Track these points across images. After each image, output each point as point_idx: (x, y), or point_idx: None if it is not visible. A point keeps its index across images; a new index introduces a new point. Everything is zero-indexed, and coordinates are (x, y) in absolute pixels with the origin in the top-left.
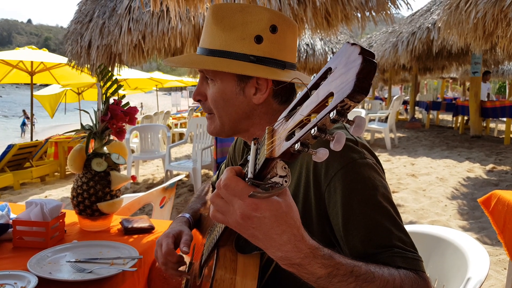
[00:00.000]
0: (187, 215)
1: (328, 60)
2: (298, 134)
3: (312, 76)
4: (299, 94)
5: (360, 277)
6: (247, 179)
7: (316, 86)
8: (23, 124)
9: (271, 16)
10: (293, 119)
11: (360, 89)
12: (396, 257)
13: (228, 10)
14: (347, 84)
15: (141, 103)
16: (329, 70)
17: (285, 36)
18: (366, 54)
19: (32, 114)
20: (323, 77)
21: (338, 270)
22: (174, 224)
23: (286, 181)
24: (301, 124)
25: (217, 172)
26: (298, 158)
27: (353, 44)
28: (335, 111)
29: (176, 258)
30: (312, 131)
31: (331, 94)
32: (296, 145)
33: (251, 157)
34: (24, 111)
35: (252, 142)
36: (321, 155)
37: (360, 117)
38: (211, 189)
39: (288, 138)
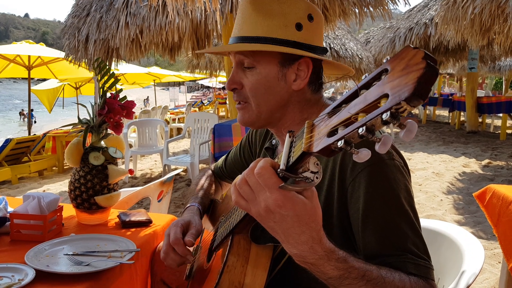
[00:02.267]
0: (196, 204)
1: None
2: (343, 131)
3: (364, 76)
4: (346, 92)
5: (371, 281)
6: (279, 170)
7: (367, 86)
8: (31, 116)
9: (307, 6)
10: (337, 116)
11: (420, 94)
12: (408, 263)
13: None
14: (406, 87)
15: (148, 97)
16: (384, 71)
17: (319, 24)
18: (429, 59)
19: (29, 109)
20: (377, 77)
21: (350, 274)
22: (185, 214)
23: (317, 178)
24: (347, 122)
25: (226, 157)
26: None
27: (415, 48)
28: (389, 113)
29: (182, 249)
30: (360, 130)
31: (385, 96)
32: (339, 142)
33: (284, 149)
34: (21, 112)
35: (288, 134)
36: (363, 155)
37: (412, 122)
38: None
39: (330, 134)
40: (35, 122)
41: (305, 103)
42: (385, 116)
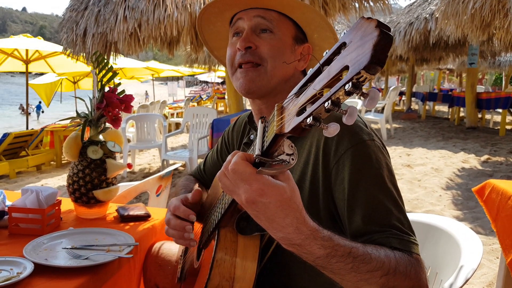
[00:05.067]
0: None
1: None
2: (311, 108)
3: (325, 53)
4: (310, 70)
5: (357, 258)
6: (255, 155)
7: (328, 62)
8: (39, 108)
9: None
10: (304, 95)
11: (377, 61)
12: (392, 238)
13: None
14: (364, 56)
15: (146, 91)
16: (343, 45)
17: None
18: (382, 27)
19: (27, 103)
20: (337, 52)
21: (336, 251)
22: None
23: (293, 159)
24: (314, 99)
25: (204, 162)
26: (308, 137)
27: (368, 18)
28: (350, 83)
29: (183, 210)
30: (326, 104)
31: (345, 68)
32: (308, 119)
33: (258, 135)
34: (22, 105)
35: (260, 120)
36: (332, 130)
37: (374, 90)
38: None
39: (299, 113)
40: (42, 112)
41: None
42: (347, 87)
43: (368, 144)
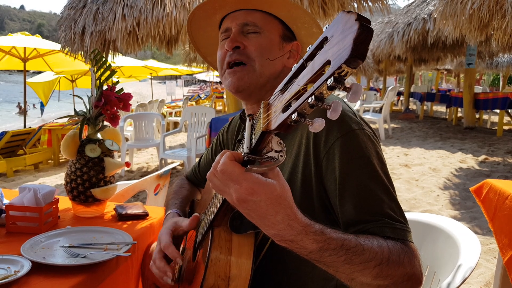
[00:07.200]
0: (174, 210)
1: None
2: (295, 103)
3: (308, 48)
4: (294, 66)
5: (350, 250)
6: (243, 154)
7: (312, 56)
8: (43, 105)
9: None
10: (289, 91)
11: (358, 54)
12: (385, 227)
13: None
14: (344, 50)
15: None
16: (325, 39)
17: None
18: (362, 20)
19: (25, 101)
20: (319, 47)
21: (328, 245)
22: (165, 223)
23: (281, 156)
24: (298, 95)
25: (198, 163)
26: (299, 129)
27: (349, 11)
28: (332, 78)
29: (171, 251)
30: (310, 99)
31: (328, 63)
32: (293, 115)
33: (246, 133)
34: (20, 103)
35: (247, 118)
36: (317, 125)
37: (357, 84)
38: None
39: (285, 109)
40: (42, 105)
41: None
42: (329, 82)
43: (357, 133)
